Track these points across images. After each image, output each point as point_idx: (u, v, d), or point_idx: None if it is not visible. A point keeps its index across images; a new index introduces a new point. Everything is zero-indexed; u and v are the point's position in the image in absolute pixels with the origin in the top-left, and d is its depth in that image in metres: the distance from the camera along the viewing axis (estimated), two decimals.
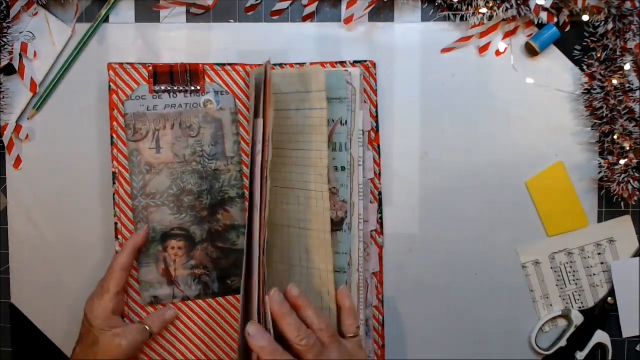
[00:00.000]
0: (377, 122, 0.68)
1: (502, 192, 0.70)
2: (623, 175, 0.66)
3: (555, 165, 0.69)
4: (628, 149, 0.66)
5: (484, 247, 0.70)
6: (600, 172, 0.67)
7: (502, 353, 0.71)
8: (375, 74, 0.68)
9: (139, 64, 0.67)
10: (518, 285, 0.70)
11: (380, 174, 0.69)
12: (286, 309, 0.58)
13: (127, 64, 0.67)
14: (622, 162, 0.66)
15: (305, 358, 0.56)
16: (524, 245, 0.70)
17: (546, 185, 0.69)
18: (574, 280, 0.70)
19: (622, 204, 0.68)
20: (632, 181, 0.66)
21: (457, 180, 0.70)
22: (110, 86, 0.66)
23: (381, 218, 0.69)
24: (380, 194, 0.69)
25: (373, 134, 0.68)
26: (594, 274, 0.70)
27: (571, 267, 0.70)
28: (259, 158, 0.59)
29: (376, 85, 0.68)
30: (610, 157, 0.66)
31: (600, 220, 0.70)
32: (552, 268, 0.70)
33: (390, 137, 0.69)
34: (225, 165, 0.67)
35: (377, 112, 0.68)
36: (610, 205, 0.69)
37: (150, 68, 0.66)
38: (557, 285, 0.70)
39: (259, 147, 0.59)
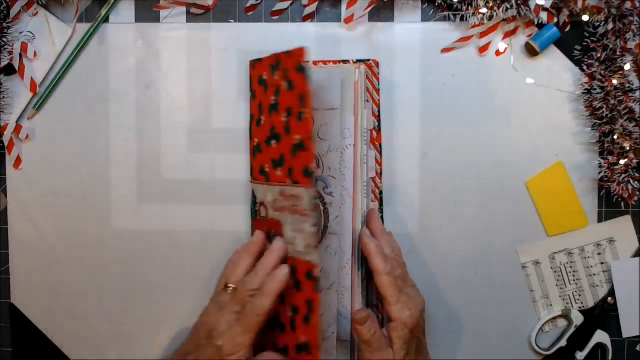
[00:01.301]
0: (379, 121, 0.68)
1: (502, 192, 0.70)
2: (623, 175, 0.66)
3: (555, 165, 0.69)
4: (628, 149, 0.66)
5: (484, 247, 0.70)
6: (600, 172, 0.67)
7: (502, 353, 0.71)
8: (378, 73, 0.68)
9: None
10: (518, 285, 0.70)
11: (381, 173, 0.69)
12: (382, 226, 0.66)
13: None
14: (622, 162, 0.66)
15: (395, 272, 0.62)
16: (524, 245, 0.70)
17: (546, 185, 0.69)
18: (574, 280, 0.70)
19: (622, 204, 0.68)
20: (632, 181, 0.66)
21: (457, 180, 0.70)
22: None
23: (382, 217, 0.69)
24: (381, 192, 0.69)
25: (375, 133, 0.68)
26: (594, 274, 0.70)
27: (571, 267, 0.70)
28: (352, 149, 0.64)
29: (379, 84, 0.68)
30: (610, 157, 0.66)
31: (600, 220, 0.70)
32: (552, 268, 0.70)
33: (390, 137, 0.69)
34: None
35: (379, 111, 0.68)
36: (610, 205, 0.69)
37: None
38: (557, 285, 0.70)
39: (351, 140, 0.64)
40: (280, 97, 0.62)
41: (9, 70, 0.69)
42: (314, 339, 0.60)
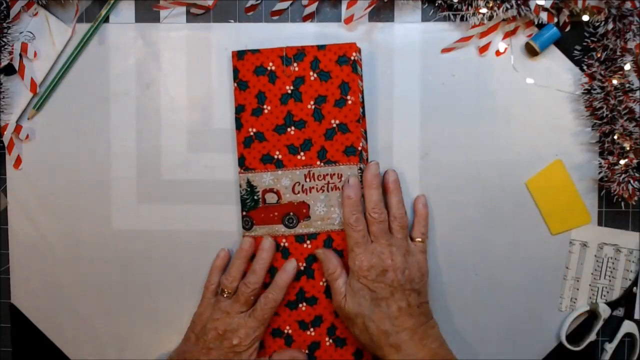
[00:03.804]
0: (363, 108, 0.68)
1: (502, 192, 0.70)
2: (623, 175, 0.66)
3: (554, 164, 0.69)
4: (628, 149, 0.66)
5: (484, 247, 0.70)
6: (600, 172, 0.67)
7: (502, 353, 0.71)
8: (361, 59, 0.68)
9: None
10: (518, 285, 0.70)
11: (367, 159, 0.69)
12: (376, 182, 0.66)
13: None
14: (622, 162, 0.66)
15: (370, 228, 0.65)
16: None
17: (546, 184, 0.69)
18: (609, 276, 0.70)
19: (622, 204, 0.68)
20: (632, 181, 0.66)
21: (457, 180, 0.70)
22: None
23: None
24: None
25: (359, 120, 0.68)
26: (630, 279, 0.70)
27: (613, 263, 0.70)
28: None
29: (361, 70, 0.68)
30: (610, 157, 0.66)
31: (600, 220, 0.70)
32: (595, 256, 0.70)
33: (390, 137, 0.69)
34: None
35: (362, 98, 0.68)
36: (610, 205, 0.69)
37: None
38: (592, 274, 0.70)
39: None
40: (305, 86, 0.67)
41: (9, 70, 0.69)
42: None
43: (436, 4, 0.68)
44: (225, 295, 0.67)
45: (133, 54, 0.70)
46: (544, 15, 0.66)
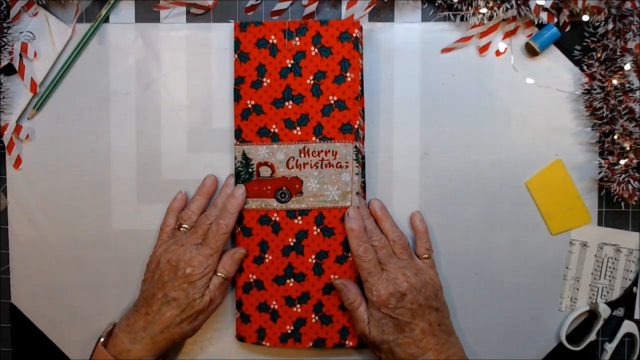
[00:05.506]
0: (362, 86, 0.68)
1: (502, 192, 0.70)
2: (623, 175, 0.66)
3: (554, 164, 0.69)
4: (628, 149, 0.66)
5: (484, 247, 0.70)
6: (600, 172, 0.67)
7: (502, 353, 0.71)
8: (362, 37, 0.68)
9: None
10: (518, 285, 0.70)
11: (364, 137, 0.69)
12: (365, 213, 0.67)
13: None
14: (622, 162, 0.66)
15: (377, 255, 0.65)
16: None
17: (546, 184, 0.69)
18: (609, 276, 0.70)
19: (622, 204, 0.68)
20: (632, 181, 0.66)
21: (457, 180, 0.70)
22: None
23: (364, 182, 0.69)
24: (363, 157, 0.69)
25: (358, 98, 0.68)
26: (630, 279, 0.70)
27: (613, 263, 0.70)
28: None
29: (362, 49, 0.68)
30: (610, 157, 0.66)
31: (600, 220, 0.70)
32: (595, 256, 0.70)
33: (390, 137, 0.69)
34: None
35: (362, 76, 0.68)
36: (610, 205, 0.69)
37: None
38: (592, 274, 0.70)
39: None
40: (306, 61, 0.67)
41: (9, 70, 0.69)
42: (351, 273, 0.68)
43: (436, 4, 0.68)
44: (182, 230, 0.67)
45: (133, 54, 0.70)
46: (544, 15, 0.66)
